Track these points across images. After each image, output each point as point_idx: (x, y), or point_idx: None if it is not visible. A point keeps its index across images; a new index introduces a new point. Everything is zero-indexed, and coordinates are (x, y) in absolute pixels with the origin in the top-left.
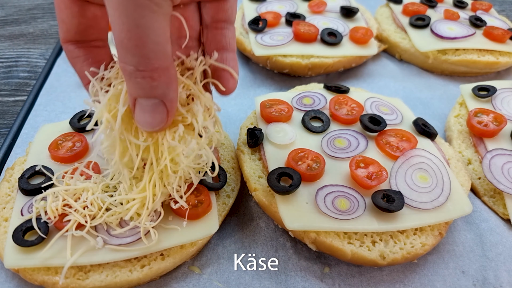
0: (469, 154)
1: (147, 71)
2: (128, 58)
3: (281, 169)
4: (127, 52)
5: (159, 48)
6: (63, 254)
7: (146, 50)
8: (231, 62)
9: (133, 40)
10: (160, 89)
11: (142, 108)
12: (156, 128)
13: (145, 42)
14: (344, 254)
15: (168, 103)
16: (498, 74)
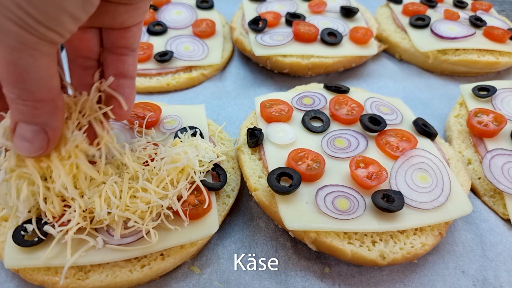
0: (469, 154)
1: (30, 101)
2: (9, 88)
3: (281, 169)
4: (8, 84)
5: (41, 83)
6: (63, 254)
7: (27, 85)
8: (127, 89)
9: (12, 76)
10: (42, 118)
11: (22, 133)
12: (33, 154)
13: (25, 79)
14: (344, 254)
15: (50, 132)
16: (498, 74)
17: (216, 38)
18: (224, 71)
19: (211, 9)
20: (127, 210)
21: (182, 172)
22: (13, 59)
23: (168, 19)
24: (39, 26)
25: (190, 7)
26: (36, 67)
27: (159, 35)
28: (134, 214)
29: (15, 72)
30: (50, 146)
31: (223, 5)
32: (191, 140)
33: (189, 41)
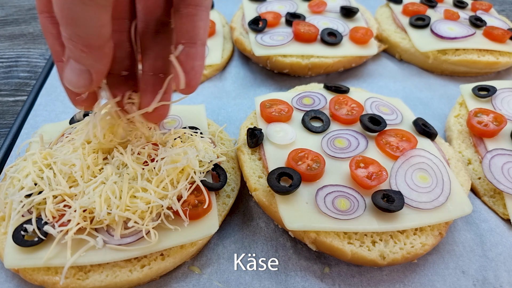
0: (469, 154)
1: (79, 44)
2: (63, 28)
3: (281, 169)
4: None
5: (91, 30)
6: (63, 254)
7: (77, 29)
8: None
9: (65, 19)
10: (88, 61)
11: (71, 67)
12: (76, 89)
13: (76, 23)
14: (344, 254)
15: (94, 74)
16: (498, 74)
17: (216, 38)
18: (224, 71)
19: (211, 9)
20: (127, 210)
21: (182, 172)
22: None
23: None
24: None
25: None
26: (86, 15)
27: None
28: (134, 214)
29: (68, 15)
30: (93, 85)
31: (223, 5)
32: (191, 140)
33: None
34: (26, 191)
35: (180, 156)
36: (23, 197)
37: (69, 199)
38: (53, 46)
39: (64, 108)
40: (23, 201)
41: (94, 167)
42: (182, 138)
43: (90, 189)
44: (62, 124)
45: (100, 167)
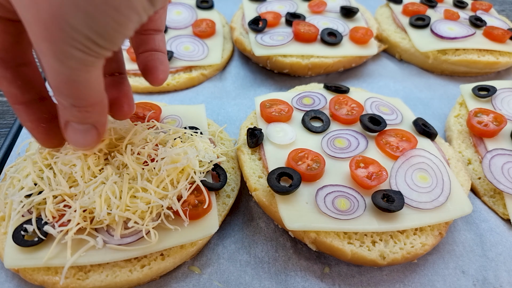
0: (469, 154)
1: (82, 107)
2: (63, 98)
3: (281, 169)
4: (62, 94)
5: (93, 91)
6: (63, 254)
7: (81, 95)
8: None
9: (69, 90)
10: (93, 118)
11: (75, 130)
12: (87, 148)
13: (80, 91)
14: (344, 254)
15: (100, 127)
16: (498, 74)
17: (216, 38)
18: (224, 71)
19: (211, 9)
20: (127, 210)
21: (182, 172)
22: (72, 77)
23: (168, 19)
24: (100, 49)
25: (190, 7)
26: (90, 80)
27: None
28: (134, 214)
29: (72, 86)
30: (99, 138)
31: (223, 5)
32: (191, 140)
33: (189, 41)
34: (26, 191)
35: (180, 156)
36: (23, 197)
37: (69, 199)
38: (9, 89)
39: None
40: (23, 201)
41: (95, 167)
42: (182, 138)
43: (90, 189)
44: None
45: (101, 168)
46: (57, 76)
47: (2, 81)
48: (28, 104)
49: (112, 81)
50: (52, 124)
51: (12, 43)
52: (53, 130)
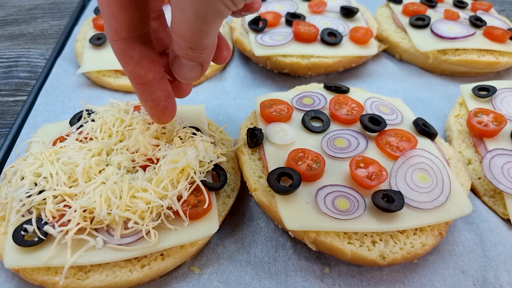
0: (469, 154)
1: (199, 49)
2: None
3: (281, 169)
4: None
5: (211, 39)
6: (63, 254)
7: (202, 41)
8: None
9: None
10: (202, 58)
11: (183, 65)
12: (190, 81)
13: (203, 39)
14: (344, 254)
15: (205, 65)
16: (498, 74)
17: None
18: (224, 71)
19: None
20: (127, 210)
21: (182, 172)
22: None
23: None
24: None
25: None
26: (214, 30)
27: None
28: (134, 214)
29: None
30: (202, 74)
31: None
32: (192, 140)
33: None
34: (26, 190)
35: (180, 156)
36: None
37: (69, 199)
38: (135, 70)
39: (64, 108)
40: (23, 200)
41: (96, 167)
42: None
43: (91, 189)
44: (62, 124)
45: (102, 168)
46: (188, 28)
47: (129, 62)
48: (150, 84)
49: None
50: (168, 102)
51: (139, 18)
52: (168, 108)
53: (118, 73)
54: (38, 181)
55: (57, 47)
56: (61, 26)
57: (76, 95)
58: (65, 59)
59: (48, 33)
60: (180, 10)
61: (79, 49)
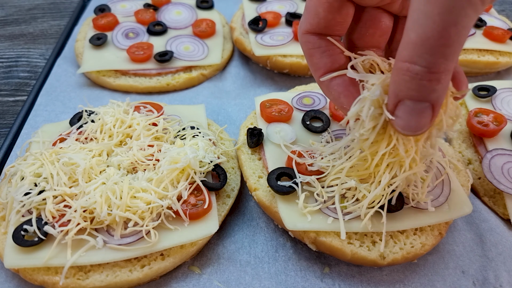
0: (469, 154)
1: (438, 73)
2: (424, 58)
3: (281, 169)
4: (427, 51)
5: (459, 49)
6: (63, 254)
7: (450, 50)
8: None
9: (443, 40)
10: (437, 93)
11: (409, 111)
12: (417, 133)
13: (454, 42)
14: (344, 254)
15: (436, 108)
16: (498, 74)
17: (216, 38)
18: (224, 71)
19: (211, 9)
20: (128, 211)
21: (182, 172)
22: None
23: (168, 19)
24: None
25: (190, 7)
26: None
27: (159, 35)
28: (135, 215)
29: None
30: (432, 123)
31: (223, 5)
32: (192, 140)
33: (189, 41)
34: (26, 190)
35: (180, 157)
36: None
37: (69, 199)
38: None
39: (64, 108)
40: (23, 201)
41: (97, 167)
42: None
43: (91, 189)
44: (62, 124)
45: (103, 169)
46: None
47: (313, 53)
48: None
49: None
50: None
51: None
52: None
53: (118, 73)
54: (38, 181)
55: (57, 47)
56: (61, 26)
57: (76, 95)
58: (65, 59)
59: (48, 33)
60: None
61: (79, 49)
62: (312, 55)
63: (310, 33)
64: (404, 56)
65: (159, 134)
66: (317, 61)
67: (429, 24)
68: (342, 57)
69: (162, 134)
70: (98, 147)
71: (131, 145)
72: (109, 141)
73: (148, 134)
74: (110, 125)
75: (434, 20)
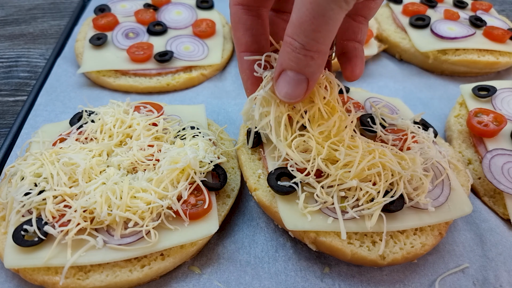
0: (469, 154)
1: (312, 51)
2: (300, 37)
3: (281, 169)
4: (302, 32)
5: (330, 35)
6: (63, 254)
7: (320, 35)
8: (361, 52)
9: (313, 25)
10: (312, 68)
11: (287, 79)
12: (292, 100)
13: (323, 29)
14: (344, 254)
15: (311, 82)
16: (498, 74)
17: (216, 38)
18: (224, 71)
19: (211, 9)
20: (128, 211)
21: (182, 172)
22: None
23: (168, 19)
24: None
25: (190, 7)
26: (335, 21)
27: (159, 35)
28: (135, 215)
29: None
30: (306, 94)
31: (223, 5)
32: (192, 140)
33: (189, 41)
34: (26, 190)
35: (180, 157)
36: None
37: (69, 199)
38: (243, 37)
39: (64, 108)
40: (23, 201)
41: (97, 167)
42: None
43: (91, 189)
44: (62, 124)
45: (103, 169)
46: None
47: (239, 27)
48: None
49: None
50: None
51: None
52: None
53: (118, 73)
54: (38, 181)
55: (57, 47)
56: (61, 26)
57: (76, 95)
58: (65, 59)
59: (48, 33)
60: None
61: (79, 49)
62: (236, 29)
63: (240, 4)
64: (288, 32)
65: (159, 134)
66: (240, 36)
67: (304, 11)
68: (264, 38)
69: (162, 134)
70: (98, 147)
71: (131, 145)
72: (109, 141)
73: (148, 134)
74: (110, 125)
75: (307, 8)
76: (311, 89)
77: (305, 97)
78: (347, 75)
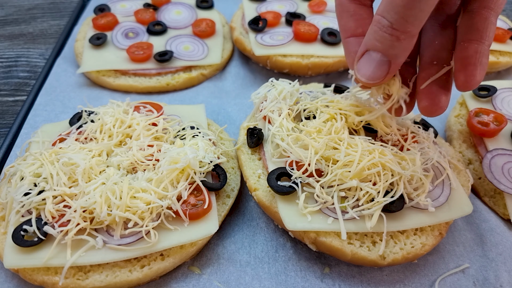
0: (470, 154)
1: (399, 30)
2: (390, 13)
3: (281, 169)
4: (393, 9)
5: (421, 16)
6: (63, 254)
7: (411, 13)
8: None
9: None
10: (396, 50)
11: (370, 59)
12: (370, 82)
13: (415, 6)
14: (344, 254)
15: (394, 65)
16: (498, 74)
17: (216, 38)
18: (224, 71)
19: (211, 9)
20: (128, 211)
21: (182, 172)
22: None
23: (168, 19)
24: None
25: (190, 7)
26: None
27: (159, 35)
28: (135, 215)
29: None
30: (387, 78)
31: (223, 5)
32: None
33: (189, 41)
34: (26, 190)
35: (180, 157)
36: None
37: (69, 199)
38: (347, 23)
39: (64, 108)
40: (23, 201)
41: (97, 167)
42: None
43: (91, 190)
44: (62, 124)
45: (102, 169)
46: None
47: (343, 15)
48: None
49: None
50: None
51: None
52: None
53: (118, 73)
54: (37, 181)
55: (57, 47)
56: (61, 26)
57: (76, 95)
58: (65, 59)
59: (48, 33)
60: None
61: (79, 49)
62: (341, 18)
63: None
64: (379, 9)
65: (159, 134)
66: (344, 23)
67: None
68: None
69: (162, 134)
70: (98, 147)
71: (131, 145)
72: (109, 141)
73: (148, 134)
74: (110, 125)
75: None
76: (392, 73)
77: (385, 81)
78: (458, 84)
